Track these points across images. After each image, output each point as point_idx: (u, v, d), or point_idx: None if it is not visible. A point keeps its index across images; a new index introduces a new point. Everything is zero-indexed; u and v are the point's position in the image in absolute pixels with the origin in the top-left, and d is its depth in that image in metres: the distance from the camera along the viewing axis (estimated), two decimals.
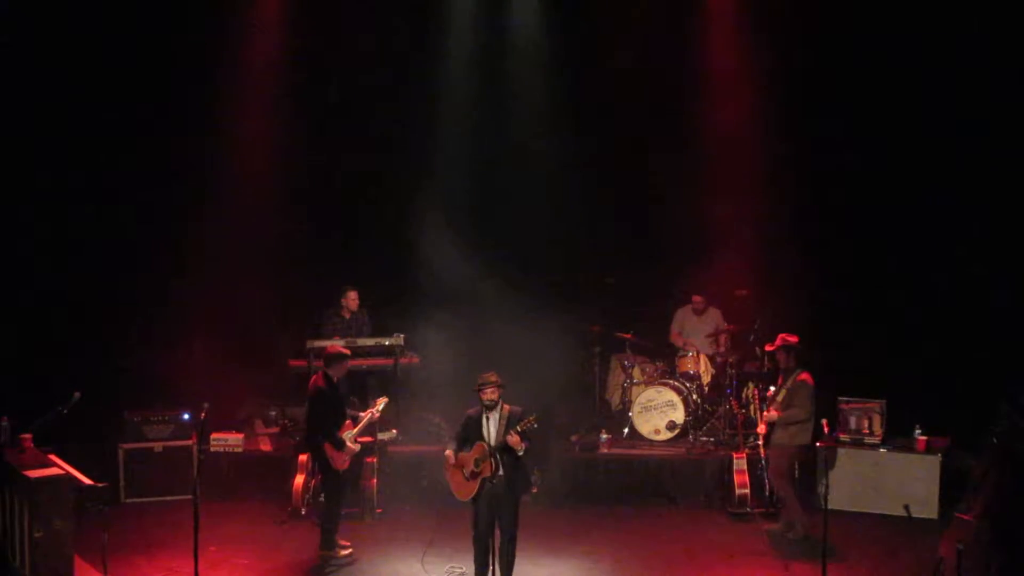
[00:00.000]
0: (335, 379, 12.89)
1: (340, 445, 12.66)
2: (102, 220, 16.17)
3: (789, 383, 13.13)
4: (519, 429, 11.24)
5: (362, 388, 15.86)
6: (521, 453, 11.38)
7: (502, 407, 11.52)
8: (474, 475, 11.53)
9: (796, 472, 13.75)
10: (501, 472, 11.40)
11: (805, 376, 13.10)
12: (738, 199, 16.10)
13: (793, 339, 13.27)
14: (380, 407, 13.30)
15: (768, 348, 13.60)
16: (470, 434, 11.65)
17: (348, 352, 13.14)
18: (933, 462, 14.08)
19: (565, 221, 16.88)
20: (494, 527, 11.48)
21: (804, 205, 15.95)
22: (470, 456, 11.57)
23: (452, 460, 11.63)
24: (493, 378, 11.52)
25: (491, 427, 11.51)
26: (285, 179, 17.05)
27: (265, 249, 16.84)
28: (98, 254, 16.14)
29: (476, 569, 11.70)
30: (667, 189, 16.88)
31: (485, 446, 11.45)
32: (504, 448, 11.34)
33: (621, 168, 17.12)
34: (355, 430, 12.93)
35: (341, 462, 12.72)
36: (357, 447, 12.88)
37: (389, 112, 17.12)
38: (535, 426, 11.31)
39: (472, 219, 16.86)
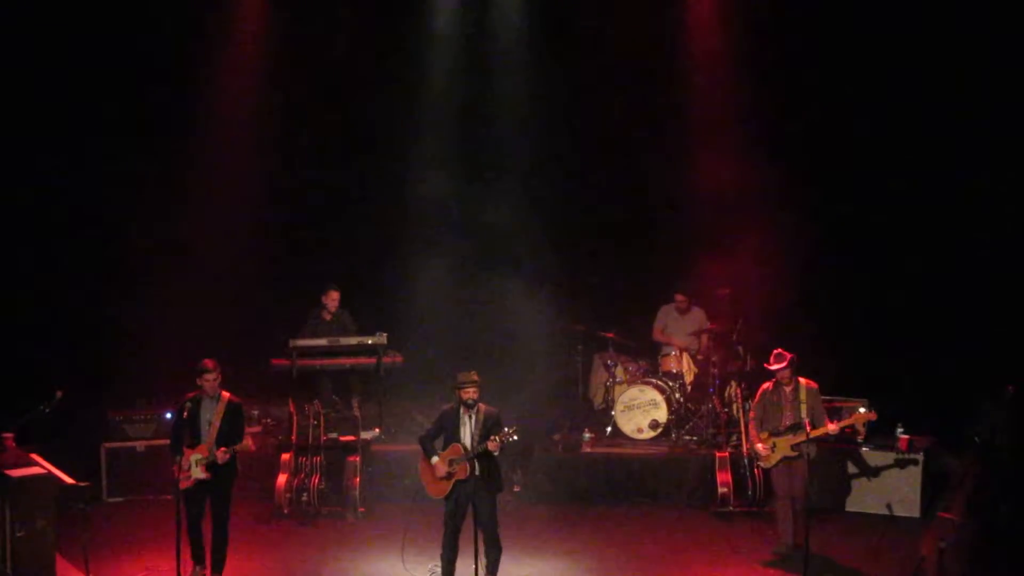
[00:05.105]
0: (201, 393, 11.77)
1: (173, 455, 11.68)
2: (84, 219, 16.16)
3: (803, 396, 12.55)
4: (499, 441, 11.23)
5: (345, 387, 15.87)
6: (496, 454, 11.40)
7: (478, 407, 11.51)
8: (449, 475, 11.51)
9: None
10: (477, 473, 11.40)
11: (812, 383, 12.70)
12: (722, 197, 16.08)
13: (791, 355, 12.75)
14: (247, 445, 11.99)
15: (775, 367, 12.56)
16: (445, 431, 11.63)
17: (209, 366, 11.79)
18: (915, 461, 14.12)
19: (548, 220, 16.87)
20: (463, 522, 11.49)
21: (786, 205, 15.93)
22: (444, 456, 11.54)
23: (440, 472, 11.56)
24: (474, 377, 11.48)
25: (468, 427, 11.47)
26: (266, 178, 17.08)
27: (247, 248, 16.83)
28: (79, 254, 16.13)
29: (443, 566, 11.67)
30: (651, 188, 16.92)
31: (461, 448, 11.44)
32: (481, 454, 11.36)
33: (605, 167, 17.14)
34: (202, 456, 11.60)
35: (179, 479, 11.49)
36: (202, 475, 11.58)
37: (372, 112, 17.16)
38: (514, 438, 11.29)
39: (454, 217, 16.86)
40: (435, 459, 11.57)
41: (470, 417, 11.47)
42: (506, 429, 11.27)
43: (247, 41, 17.14)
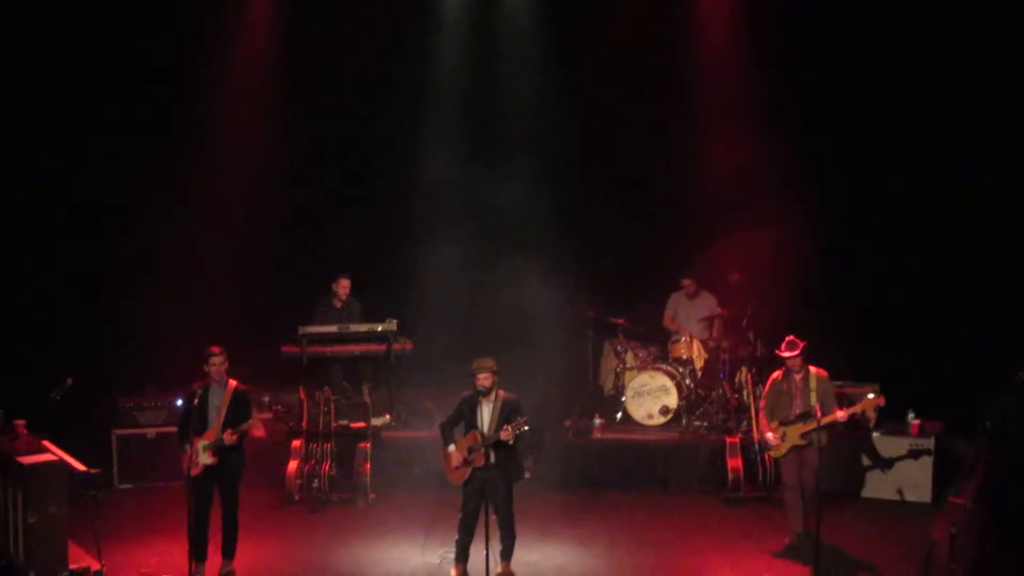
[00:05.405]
0: (209, 380, 11.76)
1: (181, 444, 11.74)
2: (93, 205, 16.17)
3: (813, 384, 12.42)
4: (511, 431, 11.23)
5: (355, 374, 15.87)
6: (512, 443, 11.39)
7: (497, 393, 11.50)
8: (466, 463, 11.52)
9: None
10: (493, 461, 11.40)
11: (823, 372, 12.55)
12: (732, 183, 16.06)
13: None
14: (256, 422, 11.96)
15: (786, 355, 12.43)
16: (464, 417, 11.65)
17: (216, 351, 11.79)
18: (927, 445, 14.11)
19: (559, 206, 16.83)
20: (480, 511, 11.49)
21: (797, 189, 15.88)
22: (463, 443, 11.56)
23: (456, 461, 11.57)
24: (489, 364, 11.48)
25: (485, 414, 11.50)
26: (275, 168, 17.10)
27: (258, 236, 16.86)
28: (89, 240, 16.14)
29: (457, 551, 11.73)
30: (661, 174, 16.89)
31: (479, 436, 11.44)
32: (497, 442, 11.35)
33: (615, 153, 17.11)
34: (209, 441, 11.57)
35: (185, 465, 11.59)
36: (210, 460, 11.55)
37: (379, 101, 17.19)
38: (526, 428, 11.29)
39: (463, 203, 16.84)
40: (451, 447, 11.60)
41: (488, 404, 11.48)
42: (519, 419, 11.27)
43: (253, 30, 17.17)
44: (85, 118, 16.03)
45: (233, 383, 11.86)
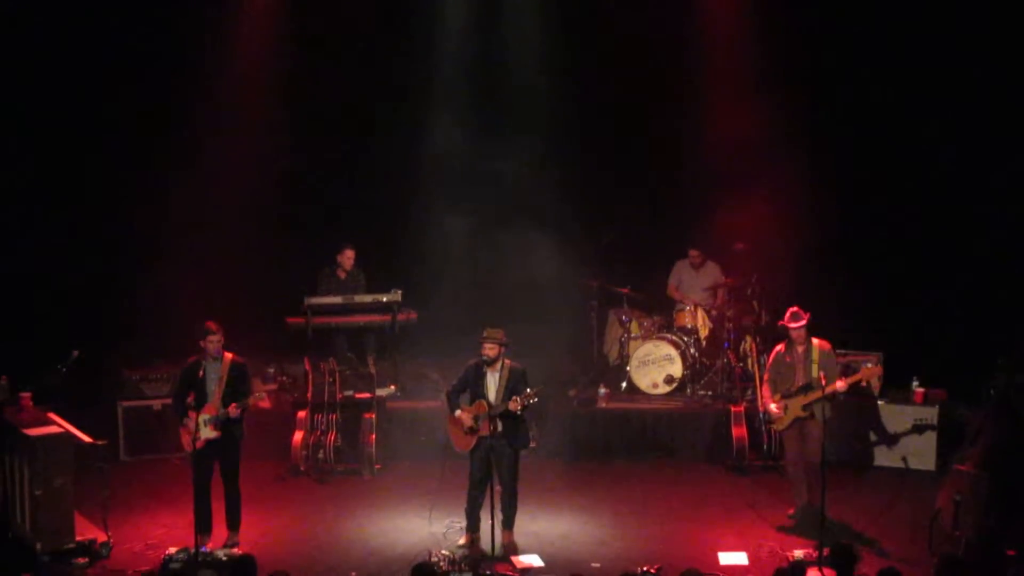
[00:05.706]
0: (205, 355, 11.72)
1: (179, 419, 11.82)
2: (97, 176, 16.15)
3: (815, 356, 12.27)
4: (520, 402, 11.25)
5: (359, 345, 15.88)
6: (519, 413, 11.41)
7: (503, 363, 11.52)
8: (472, 431, 11.55)
9: None
10: (500, 430, 11.42)
11: (826, 344, 12.45)
12: (737, 153, 16.01)
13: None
14: (262, 394, 12.06)
15: (791, 325, 12.29)
16: (470, 385, 11.68)
17: (213, 328, 11.74)
18: (931, 414, 14.10)
19: (564, 176, 16.79)
20: (488, 480, 11.53)
21: (802, 158, 15.83)
22: (470, 411, 11.58)
23: (467, 422, 11.60)
24: (498, 336, 11.50)
25: (491, 383, 11.54)
26: (281, 135, 17.04)
27: (264, 207, 16.82)
28: (95, 211, 16.12)
29: (468, 521, 11.80)
30: (667, 143, 16.83)
31: (485, 405, 11.46)
32: (504, 412, 11.37)
33: (620, 123, 17.06)
34: (211, 415, 11.60)
35: (185, 441, 11.72)
36: (212, 434, 11.60)
37: (386, 68, 17.12)
38: (535, 400, 11.30)
39: (469, 175, 16.81)
40: (458, 412, 11.63)
41: (494, 373, 11.51)
42: (528, 391, 11.29)
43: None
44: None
45: (229, 356, 11.84)
